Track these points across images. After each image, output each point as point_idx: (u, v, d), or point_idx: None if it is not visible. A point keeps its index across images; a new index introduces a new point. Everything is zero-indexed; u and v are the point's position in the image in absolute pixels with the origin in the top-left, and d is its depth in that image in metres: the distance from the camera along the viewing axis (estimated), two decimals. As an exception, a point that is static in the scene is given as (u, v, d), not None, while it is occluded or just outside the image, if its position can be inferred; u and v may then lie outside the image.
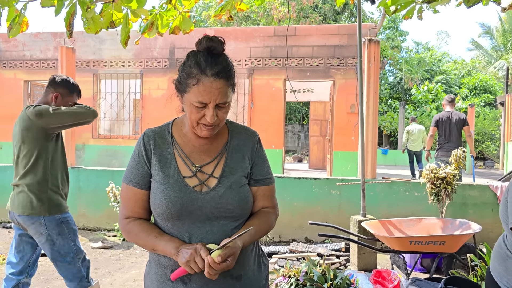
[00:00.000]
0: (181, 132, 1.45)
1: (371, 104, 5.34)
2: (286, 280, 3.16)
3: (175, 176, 1.37)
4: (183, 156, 1.41)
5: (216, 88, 1.28)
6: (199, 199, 1.34)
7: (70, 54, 6.43)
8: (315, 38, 9.37)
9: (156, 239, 1.33)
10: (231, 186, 1.38)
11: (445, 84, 24.90)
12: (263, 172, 1.49)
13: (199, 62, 1.29)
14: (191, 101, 1.30)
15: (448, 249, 3.64)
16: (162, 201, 1.34)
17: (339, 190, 5.46)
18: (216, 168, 1.41)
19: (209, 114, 1.30)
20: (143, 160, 1.40)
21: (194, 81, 1.28)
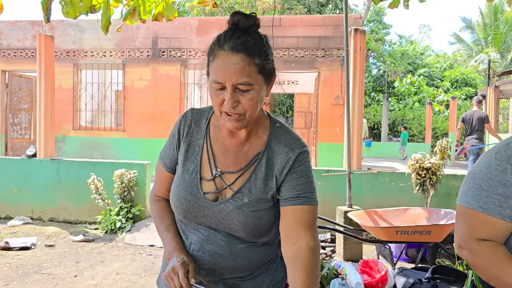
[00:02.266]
0: (217, 125, 1.26)
1: (357, 94, 5.31)
2: (272, 271, 3.11)
3: (193, 174, 1.23)
4: (209, 154, 1.24)
5: (231, 63, 1.08)
6: (206, 208, 1.21)
7: (49, 42, 6.22)
8: (300, 29, 9.31)
9: (162, 232, 1.28)
10: (242, 207, 1.18)
11: (427, 77, 25.20)
12: (295, 189, 1.19)
13: (220, 37, 1.13)
14: (210, 82, 1.13)
15: (433, 238, 3.64)
16: (173, 196, 1.25)
17: (325, 181, 5.43)
18: (237, 180, 1.21)
19: (226, 97, 1.09)
20: (174, 143, 1.29)
21: (212, 57, 1.13)
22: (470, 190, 1.26)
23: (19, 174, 6.17)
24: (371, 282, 2.84)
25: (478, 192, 1.24)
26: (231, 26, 1.15)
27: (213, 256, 1.22)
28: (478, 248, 1.23)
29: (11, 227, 5.74)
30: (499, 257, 1.20)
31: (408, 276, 2.94)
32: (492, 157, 1.25)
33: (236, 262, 1.22)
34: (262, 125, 1.26)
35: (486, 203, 1.22)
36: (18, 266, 4.25)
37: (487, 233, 1.22)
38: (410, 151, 16.73)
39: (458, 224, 1.28)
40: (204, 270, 1.23)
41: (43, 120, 6.21)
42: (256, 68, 1.11)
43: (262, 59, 1.13)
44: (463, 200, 1.27)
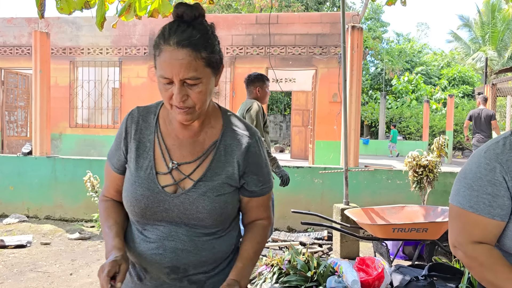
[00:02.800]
0: (168, 118, 1.26)
1: (354, 91, 5.30)
2: (269, 269, 3.10)
3: (148, 170, 1.21)
4: (162, 148, 1.23)
5: (177, 59, 1.07)
6: (167, 202, 1.19)
7: (45, 38, 6.18)
8: (297, 27, 9.28)
9: (105, 232, 1.23)
10: (206, 193, 1.19)
11: (425, 75, 25.22)
12: (259, 182, 1.27)
13: (164, 31, 1.11)
14: (157, 77, 1.13)
15: (430, 236, 3.64)
16: (128, 195, 1.21)
17: (322, 179, 5.42)
18: (196, 169, 1.22)
19: (175, 92, 1.10)
20: (121, 143, 1.26)
21: (157, 51, 1.12)
22: (461, 189, 1.26)
23: (15, 172, 6.14)
24: (367, 279, 2.83)
25: (469, 192, 1.24)
26: (175, 18, 1.14)
27: (176, 252, 1.20)
28: (473, 251, 1.23)
29: (6, 225, 5.71)
30: (494, 262, 1.20)
31: (405, 274, 2.93)
32: (482, 155, 1.25)
33: (200, 255, 1.22)
34: (214, 115, 1.28)
35: (476, 203, 1.22)
36: (14, 264, 4.23)
37: (480, 234, 1.22)
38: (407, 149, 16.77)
39: (452, 224, 1.29)
40: (167, 268, 1.21)
41: (39, 117, 6.17)
42: (203, 61, 1.11)
43: (208, 53, 1.13)
44: (455, 200, 1.27)
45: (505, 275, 1.17)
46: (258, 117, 3.57)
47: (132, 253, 1.25)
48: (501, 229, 1.23)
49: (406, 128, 21.26)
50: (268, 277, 3.03)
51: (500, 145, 1.24)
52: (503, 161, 1.21)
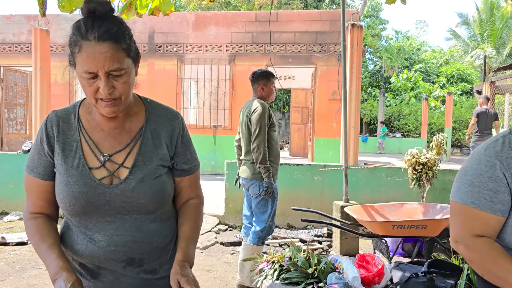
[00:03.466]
0: (89, 115, 1.27)
1: (354, 89, 5.32)
2: (269, 265, 3.12)
3: (80, 167, 1.22)
4: (90, 143, 1.24)
5: (101, 52, 1.10)
6: (107, 193, 1.21)
7: (45, 36, 6.19)
8: (297, 24, 9.29)
9: (44, 253, 1.18)
10: (144, 178, 1.23)
11: (423, 72, 25.24)
12: (187, 161, 1.35)
13: (80, 27, 1.13)
14: (79, 73, 1.13)
15: (429, 233, 3.67)
16: (65, 196, 1.20)
17: (322, 176, 5.45)
18: (128, 156, 1.25)
19: (101, 85, 1.12)
20: (45, 149, 1.24)
21: (77, 48, 1.12)
22: (462, 186, 1.30)
23: (15, 169, 6.15)
24: (367, 276, 2.85)
25: (470, 188, 1.28)
26: (87, 14, 1.15)
27: (128, 245, 1.23)
28: (474, 244, 1.27)
29: (7, 223, 5.73)
30: (495, 254, 1.24)
31: (405, 270, 2.96)
32: (482, 153, 1.29)
33: (151, 243, 1.26)
34: (136, 103, 1.32)
35: (478, 199, 1.26)
36: (15, 261, 4.25)
37: (481, 228, 1.27)
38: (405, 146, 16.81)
39: (453, 220, 1.32)
40: (122, 262, 1.24)
41: (39, 114, 6.18)
42: (124, 52, 1.16)
43: (127, 43, 1.17)
44: (456, 196, 1.31)
45: (506, 266, 1.21)
46: (262, 122, 3.46)
47: (81, 256, 1.24)
48: (501, 224, 1.27)
49: (405, 125, 21.30)
50: (269, 274, 3.05)
51: (500, 143, 1.28)
52: (502, 158, 1.25)
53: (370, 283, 2.82)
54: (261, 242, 3.61)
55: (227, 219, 5.61)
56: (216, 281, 3.80)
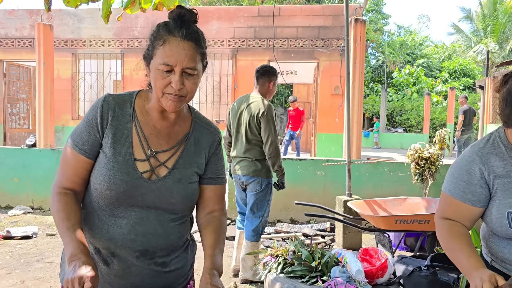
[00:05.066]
0: (144, 108, 1.32)
1: (357, 84, 5.33)
2: (273, 259, 3.14)
3: (127, 156, 1.26)
4: (141, 136, 1.30)
5: (184, 49, 1.19)
6: (144, 187, 1.26)
7: (48, 31, 6.19)
8: (299, 19, 9.27)
9: (65, 230, 1.20)
10: (181, 180, 1.31)
11: (426, 67, 25.17)
12: (216, 171, 1.41)
13: (168, 24, 1.22)
14: (156, 65, 1.20)
15: (432, 227, 3.66)
16: (105, 179, 1.24)
17: (324, 171, 5.46)
18: (171, 158, 1.32)
19: (175, 79, 1.19)
20: (97, 128, 1.27)
21: (161, 41, 1.20)
22: (447, 177, 1.52)
23: (19, 164, 6.18)
24: (371, 269, 2.87)
25: (451, 178, 1.50)
26: (177, 17, 1.23)
27: (147, 236, 1.28)
28: (441, 225, 1.51)
29: (12, 217, 5.77)
30: (452, 235, 1.46)
31: (408, 264, 2.98)
32: (468, 149, 1.49)
33: (168, 239, 1.32)
34: (184, 109, 1.39)
35: (454, 188, 1.48)
36: (20, 254, 4.29)
37: (451, 213, 1.50)
38: (407, 142, 16.80)
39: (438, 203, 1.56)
40: (137, 252, 1.28)
41: (43, 109, 6.20)
42: (201, 56, 1.25)
43: (204, 50, 1.26)
44: (443, 186, 1.54)
45: (457, 245, 1.42)
46: (274, 124, 3.49)
47: (99, 239, 1.28)
48: (472, 212, 1.47)
49: (407, 120, 21.28)
50: (273, 267, 3.08)
51: (485, 140, 1.47)
52: (483, 154, 1.43)
53: (374, 276, 2.84)
54: (259, 237, 3.67)
55: (230, 214, 5.63)
56: (220, 274, 3.84)
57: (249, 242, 3.61)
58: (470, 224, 1.50)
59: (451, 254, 1.44)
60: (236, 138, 3.65)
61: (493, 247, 1.52)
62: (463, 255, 1.38)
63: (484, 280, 1.25)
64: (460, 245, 1.41)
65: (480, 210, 1.47)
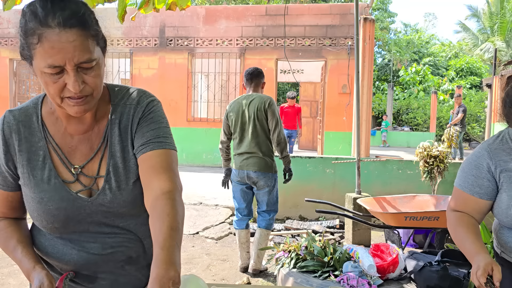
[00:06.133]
0: (53, 116, 1.07)
1: (366, 83, 5.38)
2: (286, 254, 3.21)
3: (52, 179, 1.05)
4: (59, 153, 1.06)
5: (68, 41, 0.91)
6: (87, 206, 1.06)
7: (60, 31, 6.29)
8: (307, 18, 9.32)
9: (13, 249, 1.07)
10: (120, 186, 1.07)
11: (432, 66, 25.10)
12: (145, 136, 1.08)
13: (36, 12, 0.91)
14: (40, 68, 0.93)
15: (442, 224, 3.73)
16: (40, 214, 1.04)
17: (333, 169, 5.52)
18: (101, 163, 1.08)
19: (70, 80, 0.93)
20: (5, 159, 1.06)
21: (35, 39, 0.91)
22: (458, 172, 1.62)
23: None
24: (382, 264, 2.93)
25: (461, 173, 1.59)
26: None
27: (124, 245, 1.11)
28: (450, 216, 1.60)
29: (25, 213, 5.87)
30: (459, 224, 1.54)
31: (418, 259, 3.04)
32: (479, 146, 1.57)
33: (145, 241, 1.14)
34: (103, 97, 1.09)
35: (464, 182, 1.56)
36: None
37: (461, 205, 1.58)
38: (414, 140, 16.80)
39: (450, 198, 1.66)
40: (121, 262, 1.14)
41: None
42: (94, 40, 0.97)
43: (95, 29, 0.98)
44: (455, 181, 1.62)
45: (462, 234, 1.50)
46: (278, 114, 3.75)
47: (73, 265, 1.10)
48: (481, 205, 1.55)
49: (413, 119, 21.25)
50: (286, 262, 3.14)
51: (495, 137, 1.56)
52: (491, 149, 1.51)
53: (385, 271, 2.90)
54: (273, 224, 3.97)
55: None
56: (232, 270, 3.91)
57: (266, 231, 3.81)
58: (479, 217, 1.58)
59: (458, 241, 1.52)
60: (242, 136, 3.75)
61: (502, 238, 1.59)
62: (468, 241, 1.47)
63: (479, 267, 1.34)
64: (466, 232, 1.49)
65: (488, 203, 1.55)
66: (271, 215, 3.85)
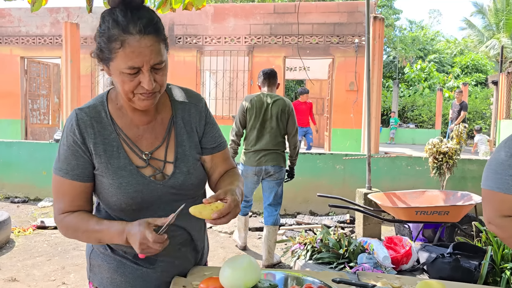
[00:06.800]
0: (120, 111, 1.23)
1: (375, 80, 5.47)
2: (302, 247, 3.33)
3: (128, 166, 1.19)
4: (129, 143, 1.21)
5: (146, 46, 1.07)
6: (159, 189, 1.21)
7: (75, 29, 6.42)
8: (314, 16, 9.40)
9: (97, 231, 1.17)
10: (189, 171, 1.25)
11: (437, 63, 25.08)
12: (215, 138, 1.33)
13: (118, 20, 1.07)
14: (120, 69, 1.09)
15: (451, 218, 3.83)
16: (120, 198, 1.17)
17: (343, 165, 5.62)
18: (168, 151, 1.24)
19: (146, 79, 1.09)
20: (82, 150, 1.18)
21: (117, 44, 1.07)
22: (489, 175, 1.52)
23: (47, 158, 6.42)
24: (396, 256, 3.05)
25: (494, 176, 1.50)
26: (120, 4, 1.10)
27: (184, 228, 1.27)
28: (503, 223, 1.47)
29: (42, 208, 6.01)
30: None
31: (431, 251, 3.15)
32: (503, 145, 1.53)
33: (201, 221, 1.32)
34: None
35: (502, 184, 1.47)
36: (57, 243, 4.52)
37: (508, 209, 1.47)
38: (420, 137, 16.86)
39: (485, 204, 1.55)
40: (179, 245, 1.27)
41: (70, 105, 6.43)
42: (164, 44, 1.14)
43: (164, 34, 1.15)
44: (485, 184, 1.52)
45: None
46: None
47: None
48: None
49: (419, 116, 21.27)
50: (302, 254, 3.26)
51: None
52: None
53: (399, 263, 3.01)
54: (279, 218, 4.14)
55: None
56: (247, 262, 4.02)
57: (274, 227, 3.93)
58: None
59: None
60: (261, 132, 3.86)
61: None
62: None
63: None
64: None
65: None
66: (277, 210, 3.98)
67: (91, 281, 1.32)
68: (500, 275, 2.90)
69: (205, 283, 1.07)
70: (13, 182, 6.53)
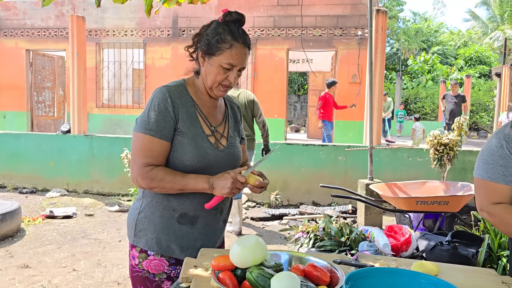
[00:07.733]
0: (196, 94, 1.58)
1: (378, 73, 5.52)
2: (305, 235, 3.43)
3: (202, 133, 1.53)
4: (203, 116, 1.56)
5: (244, 53, 1.49)
6: (218, 155, 1.55)
7: (81, 22, 6.49)
8: (318, 8, 9.43)
9: (184, 179, 1.46)
10: (235, 145, 1.64)
11: (441, 55, 25.00)
12: (242, 134, 1.77)
13: (233, 31, 1.47)
14: (221, 62, 1.47)
15: (451, 208, 3.92)
16: (194, 154, 1.49)
17: (345, 156, 5.71)
18: (224, 129, 1.63)
19: (233, 76, 1.50)
20: (170, 115, 1.48)
21: (227, 45, 1.46)
22: (480, 165, 1.61)
23: (55, 149, 6.54)
24: (396, 244, 3.14)
25: (486, 165, 1.58)
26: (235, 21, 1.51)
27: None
28: (493, 210, 1.57)
29: (50, 199, 6.14)
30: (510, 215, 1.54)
31: (430, 239, 3.24)
32: (494, 136, 1.60)
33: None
34: None
35: (493, 174, 1.56)
36: (66, 232, 4.64)
37: (499, 197, 1.56)
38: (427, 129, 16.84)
39: (477, 192, 1.64)
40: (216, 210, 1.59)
41: (76, 98, 6.53)
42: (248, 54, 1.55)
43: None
44: (477, 173, 1.62)
45: None
46: None
47: (188, 205, 1.53)
48: None
49: (422, 108, 21.27)
50: (304, 243, 3.36)
51: (508, 127, 1.61)
52: (510, 139, 1.55)
53: (398, 250, 3.10)
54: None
55: (255, 196, 5.93)
56: (251, 251, 4.13)
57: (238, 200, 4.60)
58: None
59: None
60: None
61: None
62: None
63: None
64: None
65: None
66: None
67: (135, 245, 1.57)
68: (496, 262, 2.99)
69: (216, 260, 1.17)
70: (21, 173, 6.66)
